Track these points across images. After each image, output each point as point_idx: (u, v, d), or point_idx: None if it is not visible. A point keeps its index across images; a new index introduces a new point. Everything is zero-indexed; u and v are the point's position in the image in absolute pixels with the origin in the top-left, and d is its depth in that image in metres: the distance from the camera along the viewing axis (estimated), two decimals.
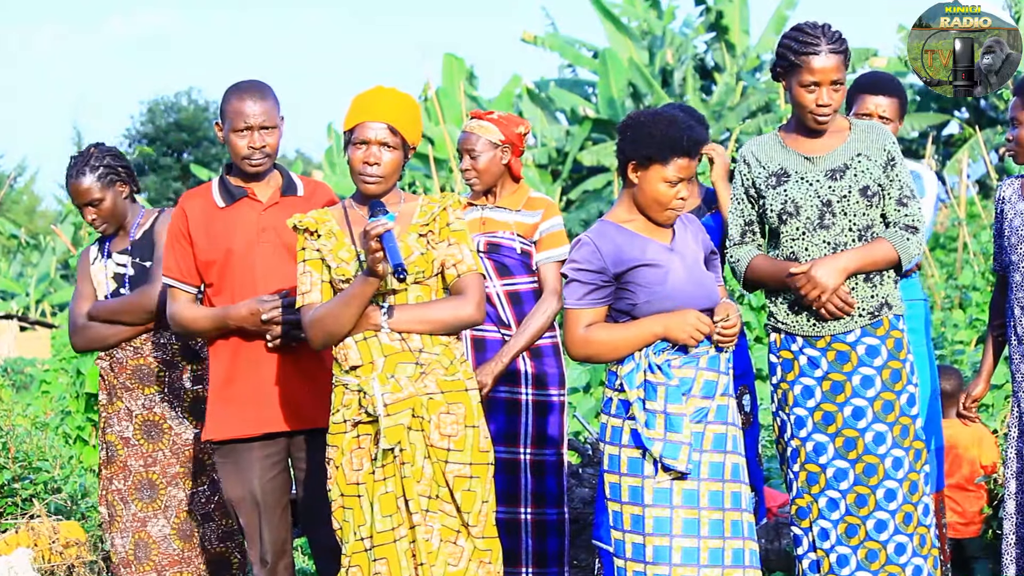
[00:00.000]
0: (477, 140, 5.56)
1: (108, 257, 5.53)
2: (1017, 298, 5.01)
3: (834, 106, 4.78)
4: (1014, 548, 5.04)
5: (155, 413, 5.42)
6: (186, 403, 5.47)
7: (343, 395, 4.46)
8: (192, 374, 5.50)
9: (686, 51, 25.23)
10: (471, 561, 4.41)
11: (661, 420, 4.32)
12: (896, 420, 4.76)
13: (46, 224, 33.70)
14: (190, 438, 5.44)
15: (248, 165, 4.95)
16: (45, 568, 6.84)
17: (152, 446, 5.41)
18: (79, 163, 5.46)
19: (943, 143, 25.16)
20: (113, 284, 5.49)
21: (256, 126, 4.91)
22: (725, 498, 4.39)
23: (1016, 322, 5.01)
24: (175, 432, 5.43)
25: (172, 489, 5.41)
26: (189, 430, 5.45)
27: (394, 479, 4.38)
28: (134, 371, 5.44)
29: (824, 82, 4.75)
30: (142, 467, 5.43)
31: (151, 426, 5.41)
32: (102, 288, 5.51)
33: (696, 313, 4.37)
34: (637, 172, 4.46)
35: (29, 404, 11.75)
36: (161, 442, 5.41)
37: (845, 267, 4.73)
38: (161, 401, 5.44)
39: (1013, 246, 5.03)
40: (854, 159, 4.80)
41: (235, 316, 4.87)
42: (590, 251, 4.42)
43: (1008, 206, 5.12)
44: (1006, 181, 5.21)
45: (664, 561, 4.32)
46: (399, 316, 4.42)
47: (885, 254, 4.76)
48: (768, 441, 8.12)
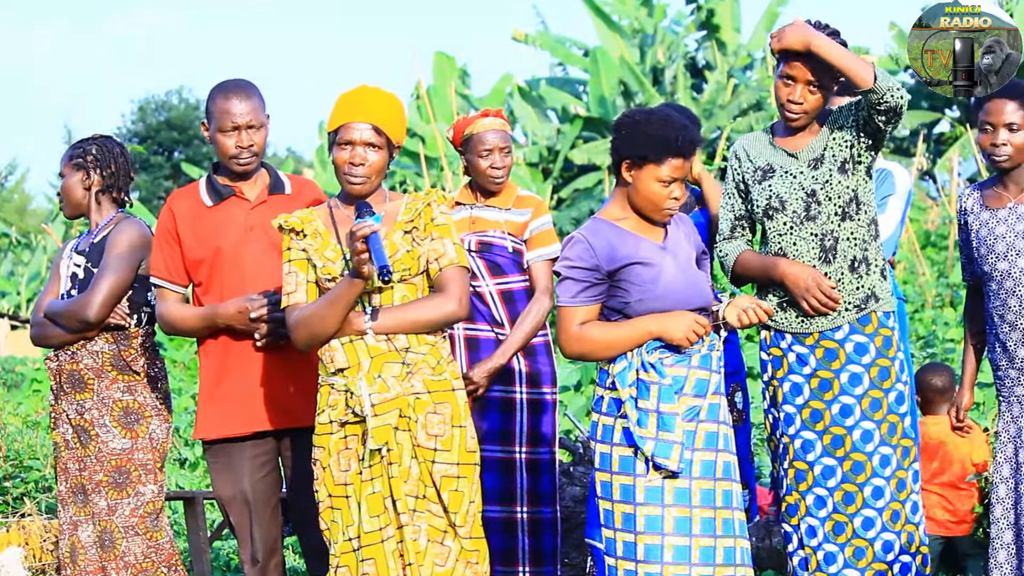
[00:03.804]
0: (508, 137, 5.59)
1: (72, 254, 5.48)
2: (995, 307, 4.99)
3: (806, 107, 4.81)
4: (999, 552, 5.02)
5: (84, 419, 5.34)
6: (115, 413, 5.35)
7: (329, 395, 4.46)
8: (124, 384, 5.39)
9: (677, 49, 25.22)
10: (458, 561, 4.41)
11: (653, 419, 4.32)
12: (884, 418, 4.77)
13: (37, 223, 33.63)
14: (116, 448, 5.33)
15: (236, 164, 4.95)
16: (36, 567, 6.83)
17: (84, 451, 5.34)
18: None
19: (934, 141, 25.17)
20: (69, 283, 5.43)
21: (243, 125, 4.91)
22: (716, 496, 4.39)
23: (997, 330, 5.00)
24: (101, 440, 5.32)
25: (95, 497, 5.32)
26: (117, 439, 5.33)
27: (381, 479, 4.38)
28: (69, 375, 5.37)
29: (800, 79, 4.77)
30: (77, 471, 5.36)
31: (81, 431, 5.34)
32: (63, 285, 5.45)
33: (693, 315, 4.37)
34: (631, 171, 4.45)
35: (20, 403, 11.74)
36: (89, 448, 5.33)
37: (815, 37, 4.67)
38: (90, 408, 5.34)
39: (983, 256, 5.01)
40: (829, 140, 4.83)
41: (223, 315, 4.87)
42: (583, 248, 4.41)
43: (972, 217, 5.09)
44: (965, 192, 5.17)
45: (655, 559, 4.32)
46: (383, 319, 4.41)
47: (862, 61, 4.66)
48: (760, 439, 8.13)
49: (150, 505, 5.36)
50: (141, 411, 5.38)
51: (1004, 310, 4.96)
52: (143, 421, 5.37)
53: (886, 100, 4.63)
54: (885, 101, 4.64)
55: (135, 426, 5.36)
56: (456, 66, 24.57)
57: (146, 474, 5.35)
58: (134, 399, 5.39)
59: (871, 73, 4.62)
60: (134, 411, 5.37)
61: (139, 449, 5.35)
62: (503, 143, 5.56)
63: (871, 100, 4.65)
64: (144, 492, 5.34)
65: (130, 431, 5.35)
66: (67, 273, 5.45)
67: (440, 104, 22.51)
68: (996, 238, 4.98)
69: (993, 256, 4.98)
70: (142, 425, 5.37)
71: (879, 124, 4.72)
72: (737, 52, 25.57)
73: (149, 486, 5.36)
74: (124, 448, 5.34)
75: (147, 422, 5.38)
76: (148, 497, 5.35)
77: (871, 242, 4.86)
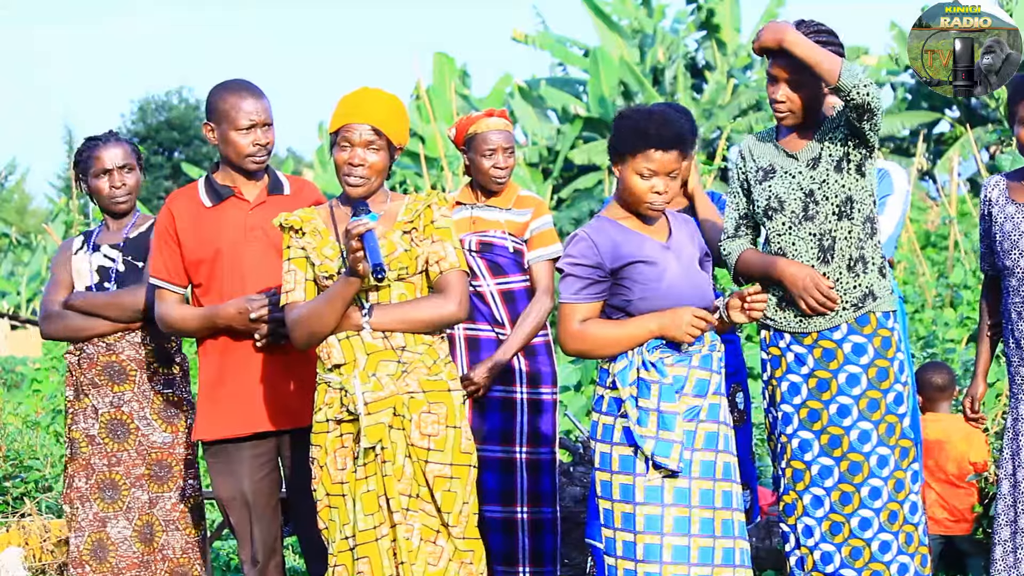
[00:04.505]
0: (511, 138, 5.60)
1: (95, 250, 5.48)
2: (1014, 303, 4.98)
3: (791, 105, 4.81)
4: (1001, 547, 5.01)
5: (123, 412, 5.34)
6: (156, 406, 5.38)
7: (325, 393, 4.47)
8: (163, 378, 5.42)
9: (677, 49, 25.24)
10: (451, 561, 4.41)
11: (654, 418, 4.31)
12: (882, 418, 4.77)
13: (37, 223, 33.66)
14: (157, 441, 5.35)
15: (251, 162, 4.95)
16: (36, 567, 6.84)
17: (117, 446, 5.34)
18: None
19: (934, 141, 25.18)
20: (96, 277, 5.43)
21: (259, 123, 4.92)
22: (716, 497, 4.38)
23: (1014, 326, 4.98)
24: (142, 433, 5.34)
25: (135, 491, 5.33)
26: (157, 433, 5.36)
27: (375, 478, 4.38)
28: (105, 367, 5.36)
29: (780, 77, 4.78)
30: (105, 466, 5.35)
31: (117, 425, 5.34)
32: (83, 279, 5.44)
33: (692, 309, 4.36)
34: (617, 166, 4.49)
35: (20, 403, 11.72)
36: (127, 442, 5.34)
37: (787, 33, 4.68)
38: (130, 400, 5.36)
39: (1006, 251, 4.98)
40: (826, 140, 4.83)
41: (224, 315, 4.86)
42: (587, 246, 4.41)
43: (996, 208, 5.06)
44: (991, 180, 5.14)
45: (655, 559, 4.31)
46: (380, 316, 4.42)
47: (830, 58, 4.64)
48: (760, 439, 8.13)
49: (191, 500, 5.41)
50: (180, 405, 5.43)
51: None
52: (181, 415, 5.42)
53: (852, 97, 4.63)
54: (851, 98, 4.63)
55: (175, 420, 5.40)
56: (456, 66, 24.59)
57: (186, 468, 5.41)
58: (172, 392, 5.43)
59: (837, 70, 4.61)
60: (174, 404, 5.41)
61: (179, 444, 5.40)
62: (506, 143, 5.57)
63: (840, 97, 4.66)
64: (185, 487, 5.39)
65: (171, 425, 5.39)
66: (90, 268, 5.44)
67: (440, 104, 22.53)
68: (1021, 234, 4.96)
69: (1016, 252, 4.95)
70: (181, 420, 5.42)
71: (853, 121, 4.72)
72: (737, 52, 25.59)
73: (190, 481, 5.41)
74: (165, 442, 5.38)
75: (184, 416, 5.42)
76: (189, 492, 5.40)
77: (867, 240, 4.85)
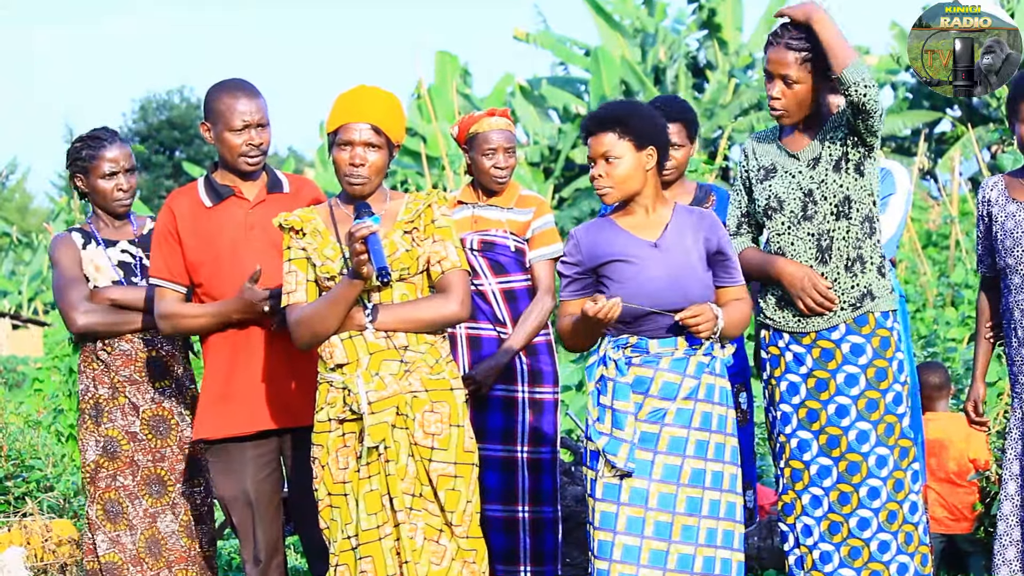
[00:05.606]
0: (512, 138, 5.62)
1: (108, 246, 5.45)
2: (1016, 301, 4.96)
3: (785, 103, 4.81)
4: (1008, 550, 4.99)
5: (164, 408, 5.36)
6: (187, 400, 5.42)
7: (327, 392, 4.47)
8: (190, 372, 5.48)
9: (678, 49, 25.23)
10: (454, 560, 4.42)
11: (609, 415, 4.38)
12: (881, 418, 4.77)
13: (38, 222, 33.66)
14: (190, 436, 5.38)
15: (245, 163, 4.95)
16: (38, 566, 6.84)
17: (161, 442, 5.35)
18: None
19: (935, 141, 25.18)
20: (121, 272, 5.40)
21: (253, 123, 4.92)
22: (678, 501, 4.38)
23: (1016, 325, 4.97)
24: (181, 428, 5.38)
25: (180, 486, 5.37)
26: (189, 428, 5.38)
27: (379, 477, 4.39)
28: (147, 362, 5.37)
29: (775, 73, 4.78)
30: (150, 462, 5.35)
31: (159, 421, 5.35)
32: (106, 274, 5.39)
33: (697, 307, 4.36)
34: None
35: (22, 402, 11.73)
36: (169, 438, 5.36)
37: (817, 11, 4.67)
38: (169, 396, 5.38)
39: (1008, 249, 4.96)
40: (826, 139, 4.83)
41: (236, 306, 4.84)
42: (572, 244, 4.54)
43: (996, 208, 5.03)
44: (989, 182, 5.12)
45: (605, 556, 4.37)
46: (383, 316, 4.42)
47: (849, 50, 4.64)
48: (761, 438, 8.13)
49: (211, 496, 5.44)
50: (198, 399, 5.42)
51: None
52: None
53: (850, 93, 4.64)
54: (849, 94, 4.64)
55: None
56: (458, 65, 24.58)
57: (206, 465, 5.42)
58: (197, 388, 5.44)
59: (848, 61, 4.61)
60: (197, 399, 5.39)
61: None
62: (508, 143, 5.57)
63: (841, 90, 4.67)
64: (208, 483, 5.41)
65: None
66: (110, 264, 5.41)
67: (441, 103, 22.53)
68: (1023, 232, 4.96)
69: (1019, 249, 4.94)
70: None
71: (851, 119, 4.73)
72: (739, 51, 25.57)
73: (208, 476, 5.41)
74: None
75: None
76: (211, 488, 5.40)
77: (865, 240, 4.85)
